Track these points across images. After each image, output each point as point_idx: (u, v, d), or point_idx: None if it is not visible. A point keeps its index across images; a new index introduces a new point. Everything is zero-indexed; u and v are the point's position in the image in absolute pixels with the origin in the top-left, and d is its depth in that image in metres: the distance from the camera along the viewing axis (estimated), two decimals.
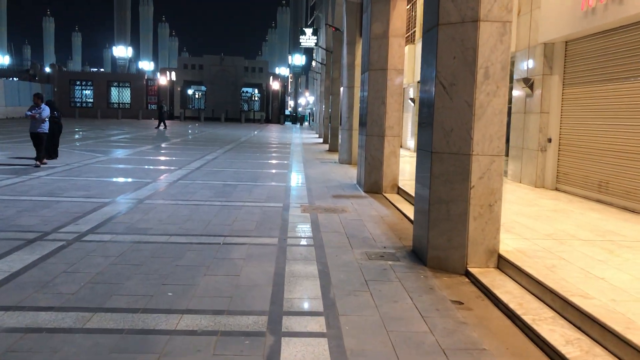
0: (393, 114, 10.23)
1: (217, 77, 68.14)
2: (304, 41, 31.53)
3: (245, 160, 16.19)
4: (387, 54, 10.14)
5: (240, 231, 6.80)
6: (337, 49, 20.81)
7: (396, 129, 10.30)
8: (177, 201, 8.81)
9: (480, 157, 5.17)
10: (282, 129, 45.49)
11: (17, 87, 45.02)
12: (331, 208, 8.66)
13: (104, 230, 6.62)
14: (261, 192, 10.04)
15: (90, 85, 55.70)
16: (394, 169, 10.36)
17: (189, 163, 14.81)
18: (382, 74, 10.20)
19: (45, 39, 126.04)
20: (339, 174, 13.72)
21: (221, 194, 9.69)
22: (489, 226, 5.23)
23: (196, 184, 10.86)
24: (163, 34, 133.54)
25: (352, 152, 16.02)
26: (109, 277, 4.83)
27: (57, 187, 9.82)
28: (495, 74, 5.14)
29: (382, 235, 6.85)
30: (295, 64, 76.86)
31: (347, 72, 15.88)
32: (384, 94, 10.20)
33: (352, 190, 10.83)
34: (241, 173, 12.95)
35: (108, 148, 18.82)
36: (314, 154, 20.12)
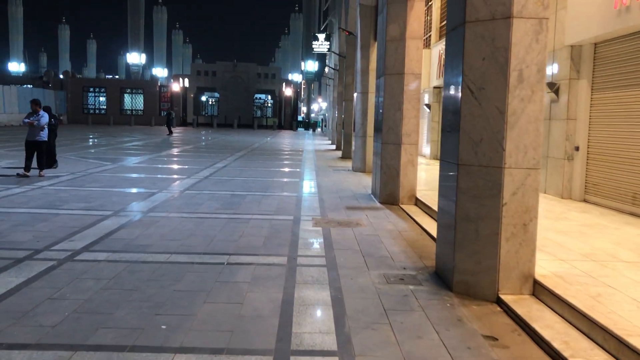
0: (410, 121, 9.68)
1: (230, 84, 68.06)
2: (316, 47, 31.11)
3: (255, 169, 15.71)
4: (404, 58, 9.59)
5: (246, 248, 6.28)
6: (351, 54, 20.31)
7: (413, 137, 9.73)
8: (182, 214, 8.32)
9: (514, 170, 4.60)
10: (295, 136, 45.05)
11: (30, 94, 45.05)
12: (345, 221, 8.11)
13: (100, 247, 6.13)
14: (271, 203, 9.52)
15: (103, 92, 55.77)
16: (411, 179, 9.79)
17: (198, 171, 14.35)
18: (399, 78, 9.65)
19: (60, 46, 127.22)
20: (352, 182, 13.17)
21: (229, 205, 9.19)
22: (523, 248, 4.65)
23: (203, 194, 10.37)
24: (177, 40, 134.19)
25: (366, 160, 15.45)
26: (97, 305, 4.33)
27: (58, 198, 9.39)
28: (531, 77, 4.57)
29: (401, 254, 6.28)
30: (308, 70, 76.71)
31: (361, 77, 15.35)
32: (401, 99, 9.65)
33: (367, 201, 10.27)
34: (251, 182, 12.45)
35: (117, 156, 18.46)
36: (326, 161, 19.60)
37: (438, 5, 19.48)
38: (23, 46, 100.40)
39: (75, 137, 29.16)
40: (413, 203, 9.75)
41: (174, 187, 11.25)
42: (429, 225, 7.75)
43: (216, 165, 16.17)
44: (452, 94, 5.07)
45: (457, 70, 4.95)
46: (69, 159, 16.64)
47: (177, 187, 11.17)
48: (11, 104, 41.42)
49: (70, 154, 18.46)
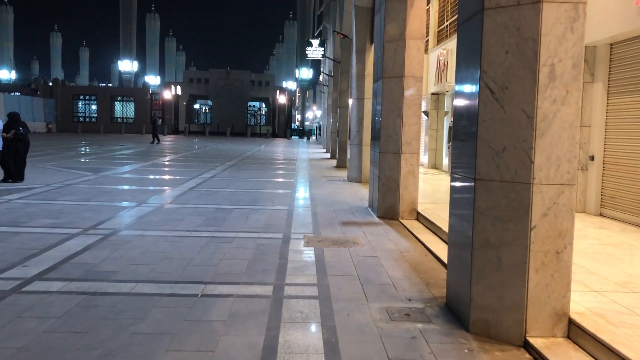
0: (411, 128, 8.89)
1: (223, 91, 67.31)
2: (310, 52, 30.36)
3: (245, 179, 14.87)
4: (404, 59, 8.82)
5: (226, 275, 5.44)
6: (346, 59, 19.56)
7: (414, 145, 8.94)
8: (159, 232, 7.47)
9: (544, 186, 3.80)
10: (289, 144, 44.26)
11: (17, 102, 44.17)
12: (340, 240, 7.28)
13: (56, 274, 5.27)
14: (259, 219, 8.69)
15: (94, 100, 54.84)
16: (412, 192, 8.98)
17: (183, 182, 13.50)
18: (398, 82, 8.87)
19: (52, 54, 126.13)
20: (348, 194, 12.35)
21: (212, 221, 8.35)
22: (555, 280, 3.84)
23: (186, 208, 9.52)
24: (170, 48, 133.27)
25: (363, 170, 14.66)
26: (34, 355, 3.48)
27: (24, 213, 8.52)
28: (564, 74, 3.78)
29: (405, 280, 5.45)
30: (302, 78, 76.16)
31: (356, 82, 14.59)
32: (400, 105, 8.87)
33: (364, 215, 9.45)
34: (239, 194, 11.61)
35: (100, 165, 17.58)
36: (320, 170, 18.79)
37: (436, 9, 18.78)
38: (13, 53, 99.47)
39: (61, 146, 28.25)
40: (414, 218, 8.94)
41: (155, 200, 10.40)
42: (434, 245, 6.94)
43: (204, 176, 15.32)
44: (467, 96, 4.27)
45: (473, 67, 4.15)
46: (48, 169, 15.76)
47: (158, 200, 10.32)
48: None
49: (51, 163, 17.58)
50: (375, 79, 9.87)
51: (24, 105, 44.76)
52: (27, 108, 45.08)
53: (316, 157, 27.21)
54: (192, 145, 34.49)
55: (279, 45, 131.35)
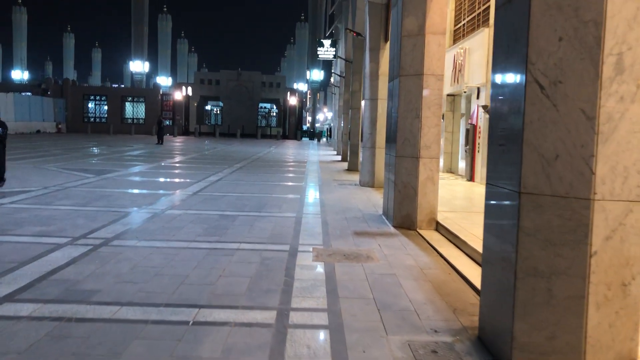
0: (430, 131, 8.18)
1: (233, 93, 66.90)
2: (321, 53, 29.73)
3: (253, 183, 14.23)
4: (423, 56, 8.12)
5: (223, 297, 4.77)
6: (358, 58, 18.90)
7: (434, 149, 8.24)
8: (154, 242, 6.82)
9: (608, 203, 3.10)
10: (299, 146, 43.63)
11: (27, 102, 43.96)
12: (353, 253, 6.59)
13: (31, 294, 4.64)
14: (264, 227, 8.02)
15: (104, 101, 54.59)
16: (431, 200, 8.27)
17: (187, 186, 12.88)
18: (417, 80, 8.17)
19: (65, 55, 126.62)
20: (360, 200, 11.66)
21: (214, 230, 7.70)
22: (621, 319, 3.14)
23: (187, 215, 8.88)
24: (182, 49, 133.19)
25: (375, 174, 13.96)
26: None
27: (13, 220, 7.92)
28: (635, 66, 3.08)
29: (428, 305, 4.75)
30: (313, 79, 75.65)
31: (369, 82, 13.89)
32: (419, 105, 8.16)
33: (378, 223, 8.76)
34: (245, 199, 10.96)
35: (104, 167, 17.03)
36: (331, 173, 18.11)
37: (452, 7, 18.03)
38: (26, 54, 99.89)
39: (68, 147, 27.83)
40: (433, 228, 8.23)
41: (156, 205, 9.77)
42: (458, 261, 6.23)
43: (210, 179, 14.70)
44: (509, 92, 3.57)
45: (516, 57, 3.45)
46: (49, 170, 15.22)
47: (158, 206, 9.69)
48: (7, 112, 40.14)
49: (54, 165, 17.06)
50: (390, 77, 9.18)
51: (34, 105, 44.56)
52: (37, 108, 44.87)
53: (327, 159, 26.54)
54: (201, 147, 33.96)
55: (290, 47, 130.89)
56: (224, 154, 27.56)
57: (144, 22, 72.32)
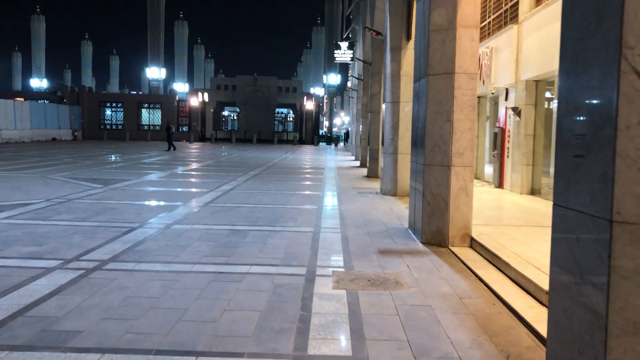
0: (463, 135, 7.32)
1: (250, 98, 66.48)
2: (338, 56, 28.96)
3: (267, 192, 13.46)
4: (454, 52, 7.27)
5: (227, 339, 3.97)
6: (377, 60, 18.08)
7: (468, 157, 7.37)
8: (154, 264, 6.07)
9: None
10: (316, 151, 42.86)
11: (43, 109, 43.86)
12: (379, 278, 5.75)
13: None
14: (278, 245, 7.23)
15: (120, 107, 54.45)
16: (465, 213, 7.40)
17: (199, 196, 12.16)
18: (447, 79, 7.33)
19: (83, 63, 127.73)
20: (382, 211, 10.81)
21: (222, 249, 6.92)
22: None
23: (195, 230, 8.13)
24: (199, 55, 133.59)
25: (398, 182, 13.10)
26: None
27: (3, 238, 7.23)
28: None
29: (475, 349, 3.90)
30: (330, 83, 74.99)
31: (390, 84, 13.06)
32: (450, 107, 7.31)
33: (405, 239, 7.91)
34: (259, 211, 10.19)
35: (114, 176, 16.41)
36: (350, 180, 17.27)
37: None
38: (45, 62, 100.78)
39: (81, 154, 27.40)
40: (467, 244, 7.35)
41: (162, 219, 9.05)
42: (502, 287, 5.36)
43: (223, 188, 13.97)
44: (592, 86, 2.72)
45: (603, 39, 2.60)
46: (56, 180, 14.63)
47: (165, 220, 8.97)
48: (23, 120, 40.13)
49: (63, 174, 16.49)
50: (416, 77, 8.34)
51: (50, 113, 44.46)
52: (53, 116, 44.77)
53: (344, 165, 25.71)
54: (216, 153, 33.37)
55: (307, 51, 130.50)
56: (240, 160, 26.89)
57: (160, 29, 72.34)
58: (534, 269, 5.50)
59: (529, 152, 13.16)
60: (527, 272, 5.41)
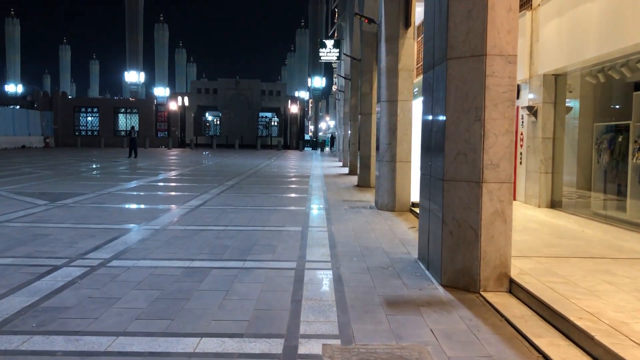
0: (499, 140, 5.37)
1: (232, 102, 64.40)
2: (324, 55, 27.00)
3: (243, 208, 11.41)
4: (485, 27, 5.33)
5: None
6: (368, 56, 16.14)
7: (505, 169, 5.42)
8: (54, 339, 4.01)
9: None
10: (301, 156, 40.83)
11: (11, 115, 41.28)
12: (394, 357, 3.76)
13: None
14: (246, 295, 5.21)
15: (96, 112, 51.95)
16: (501, 246, 5.44)
17: (159, 215, 10.09)
18: (476, 64, 5.38)
19: (61, 67, 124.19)
20: (381, 232, 8.84)
21: (165, 304, 4.88)
22: None
23: (136, 270, 6.07)
24: (180, 59, 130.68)
25: (397, 194, 11.14)
26: None
27: None
28: None
29: None
30: (315, 87, 73.28)
31: (386, 80, 11.11)
32: (480, 102, 5.37)
33: (417, 278, 5.93)
34: (228, 236, 8.15)
35: (68, 189, 14.24)
36: (339, 191, 15.27)
37: None
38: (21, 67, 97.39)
39: (45, 164, 25.08)
40: (506, 289, 5.39)
41: (100, 252, 6.97)
42: None
43: (191, 203, 11.90)
44: None
45: None
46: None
47: (103, 253, 6.89)
48: None
49: (10, 187, 14.30)
50: (428, 64, 6.39)
51: (19, 119, 41.88)
52: (22, 122, 42.18)
53: (332, 172, 23.73)
54: (194, 160, 31.18)
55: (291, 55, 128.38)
56: (217, 168, 24.78)
57: (139, 31, 70.00)
58: (634, 347, 3.55)
59: (548, 158, 11.29)
60: (628, 354, 3.46)
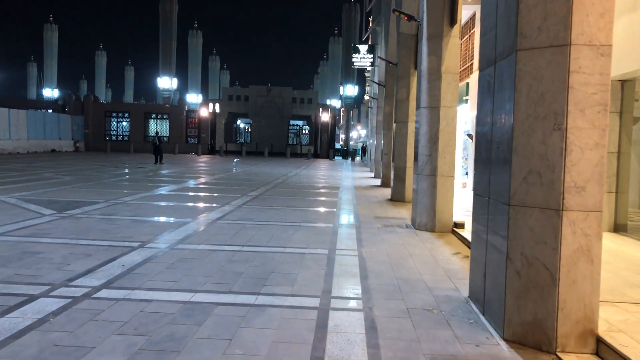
0: (585, 156, 4.12)
1: (263, 109, 63.90)
2: (357, 61, 25.85)
3: (265, 224, 10.31)
4: (570, 8, 4.10)
5: None
6: (406, 59, 14.92)
7: (593, 193, 4.15)
8: None
9: None
10: (331, 166, 39.68)
11: (42, 119, 41.31)
12: None
13: None
14: (254, 346, 4.06)
15: (127, 117, 51.92)
16: (587, 294, 4.16)
17: (170, 230, 9.07)
18: (556, 57, 4.15)
19: (97, 73, 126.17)
20: (422, 259, 7.60)
21: (149, 357, 3.78)
22: None
23: (124, 305, 4.99)
24: (214, 67, 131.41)
25: (437, 212, 9.87)
26: None
27: None
28: None
29: None
30: (347, 95, 72.21)
31: (427, 84, 9.89)
32: (561, 106, 4.13)
33: (471, 328, 4.69)
34: (242, 260, 7.04)
35: (82, 197, 13.40)
36: (370, 206, 14.05)
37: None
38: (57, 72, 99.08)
39: (68, 169, 24.56)
40: (591, 350, 4.11)
41: (90, 277, 5.94)
42: None
43: (209, 216, 10.87)
44: None
45: None
46: (6, 203, 11.64)
47: (93, 279, 5.86)
48: (19, 130, 37.56)
49: (23, 193, 13.54)
50: (486, 59, 5.17)
51: (50, 123, 41.89)
52: (52, 126, 42.20)
53: (363, 183, 22.50)
54: (221, 168, 30.35)
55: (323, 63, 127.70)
56: (244, 177, 23.82)
57: (173, 38, 70.11)
58: None
59: (612, 175, 9.87)
60: None
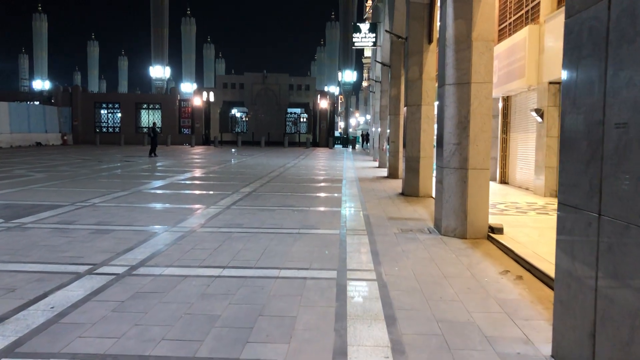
0: None
1: (259, 97, 61.73)
2: (358, 40, 23.86)
3: (255, 231, 8.48)
4: None
5: None
6: (417, 32, 12.97)
7: None
8: None
9: None
10: (331, 155, 37.79)
11: (26, 111, 39.31)
12: None
13: None
14: None
15: (117, 108, 49.89)
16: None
17: (131, 247, 7.22)
18: None
19: (89, 64, 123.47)
20: (464, 286, 5.77)
21: None
22: None
23: None
24: (208, 55, 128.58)
25: (469, 214, 8.00)
26: None
27: None
28: None
29: None
30: (345, 81, 70.19)
31: (454, 55, 7.99)
32: None
33: None
34: (221, 292, 5.20)
35: (39, 200, 11.53)
36: (381, 203, 12.21)
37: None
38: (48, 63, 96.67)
39: (47, 164, 22.67)
40: None
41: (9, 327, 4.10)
42: None
43: (186, 223, 9.02)
44: None
45: None
46: None
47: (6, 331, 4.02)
48: (1, 123, 35.59)
49: None
50: (572, 8, 3.29)
51: (35, 115, 39.87)
52: (38, 118, 40.18)
53: (367, 174, 20.66)
54: (213, 160, 28.46)
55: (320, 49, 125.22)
56: (238, 169, 21.96)
57: (164, 25, 67.74)
58: None
59: None
60: None
